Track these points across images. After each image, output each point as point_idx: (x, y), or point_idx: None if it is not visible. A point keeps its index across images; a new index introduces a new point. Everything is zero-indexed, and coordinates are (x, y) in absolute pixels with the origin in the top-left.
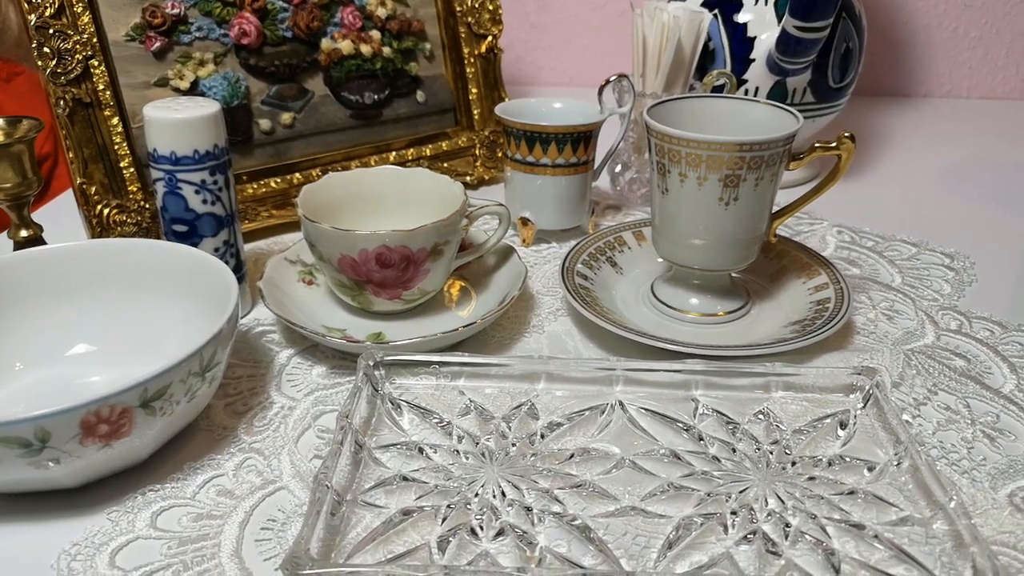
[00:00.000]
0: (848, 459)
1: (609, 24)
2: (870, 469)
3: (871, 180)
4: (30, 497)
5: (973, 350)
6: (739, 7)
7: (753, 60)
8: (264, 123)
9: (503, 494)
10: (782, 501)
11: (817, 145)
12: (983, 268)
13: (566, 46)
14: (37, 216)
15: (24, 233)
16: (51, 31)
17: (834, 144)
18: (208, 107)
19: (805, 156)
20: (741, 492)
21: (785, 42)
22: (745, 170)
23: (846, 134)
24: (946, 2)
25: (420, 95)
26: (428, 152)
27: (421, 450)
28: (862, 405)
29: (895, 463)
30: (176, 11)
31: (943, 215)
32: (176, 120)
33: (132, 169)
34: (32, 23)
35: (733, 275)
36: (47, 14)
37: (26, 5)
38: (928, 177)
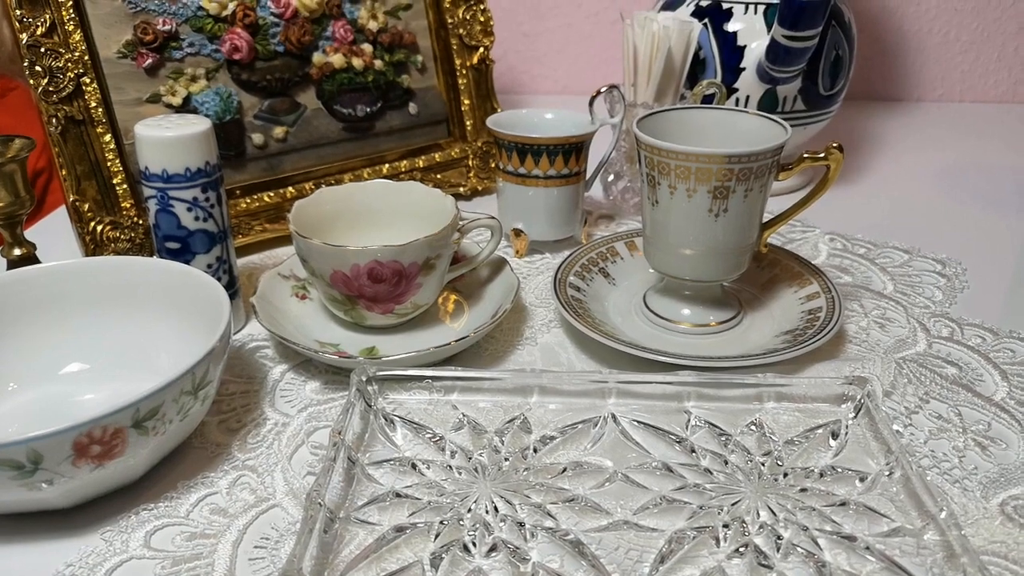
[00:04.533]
0: (840, 470)
1: (602, 32)
2: (861, 480)
3: (864, 186)
4: (23, 518)
5: (965, 357)
6: (729, 16)
7: (744, 69)
8: (257, 137)
9: (496, 509)
10: (774, 513)
11: (805, 156)
12: (975, 274)
13: (560, 55)
14: (31, 232)
15: (17, 252)
16: (43, 49)
17: (822, 155)
18: (199, 124)
19: (794, 167)
20: (733, 504)
21: (774, 51)
22: (734, 182)
23: (834, 144)
24: (937, 7)
25: (412, 107)
26: (421, 164)
27: (414, 466)
28: (853, 415)
29: (886, 473)
30: (167, 28)
31: (935, 220)
32: (167, 138)
33: (125, 186)
34: (24, 42)
35: (725, 285)
36: (38, 33)
37: (17, 24)
38: (921, 182)
